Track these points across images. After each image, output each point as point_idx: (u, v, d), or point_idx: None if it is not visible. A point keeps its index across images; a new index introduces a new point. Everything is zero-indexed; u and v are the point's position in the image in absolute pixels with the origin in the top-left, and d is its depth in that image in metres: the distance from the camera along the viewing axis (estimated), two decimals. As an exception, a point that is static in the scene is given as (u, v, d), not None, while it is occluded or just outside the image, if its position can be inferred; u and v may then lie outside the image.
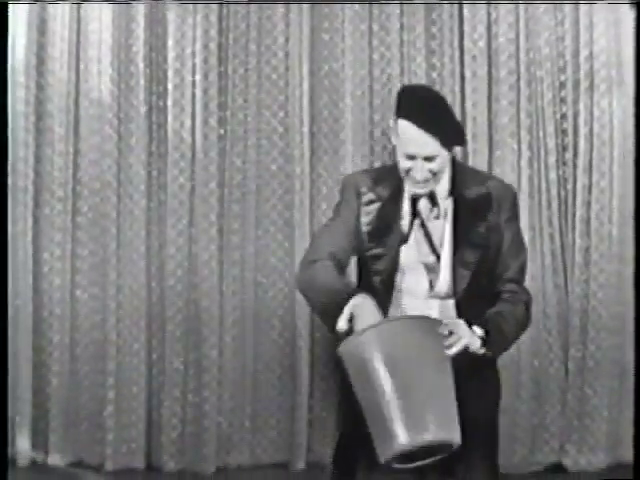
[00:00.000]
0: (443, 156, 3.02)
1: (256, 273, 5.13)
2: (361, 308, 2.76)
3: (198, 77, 5.05)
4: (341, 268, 3.04)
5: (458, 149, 4.95)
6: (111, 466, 5.11)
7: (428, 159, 2.99)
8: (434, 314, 3.04)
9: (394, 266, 3.01)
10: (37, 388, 5.15)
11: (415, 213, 3.07)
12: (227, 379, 5.12)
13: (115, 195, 5.09)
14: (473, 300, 3.10)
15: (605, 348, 5.16)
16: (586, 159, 5.13)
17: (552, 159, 5.12)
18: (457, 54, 5.12)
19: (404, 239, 3.04)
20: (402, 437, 2.68)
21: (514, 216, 3.24)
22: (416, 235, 3.05)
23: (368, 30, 5.11)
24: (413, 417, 2.69)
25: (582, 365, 5.16)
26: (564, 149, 5.17)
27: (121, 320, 5.10)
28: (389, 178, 3.13)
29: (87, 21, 5.10)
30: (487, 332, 2.98)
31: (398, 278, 3.05)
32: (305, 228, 5.05)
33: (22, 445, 5.14)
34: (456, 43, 5.12)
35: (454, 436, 2.76)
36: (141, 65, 5.08)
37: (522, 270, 3.33)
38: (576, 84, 5.15)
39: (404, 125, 2.97)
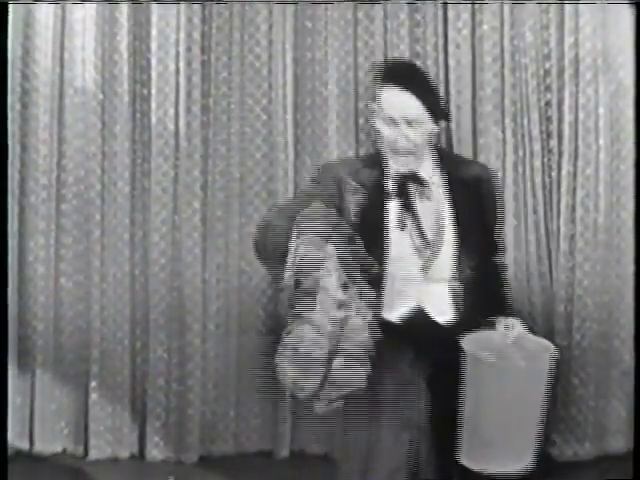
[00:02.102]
0: (426, 125, 2.96)
1: (240, 261, 5.12)
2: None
3: (181, 65, 5.06)
4: None
5: (442, 139, 5.05)
6: (95, 455, 5.11)
7: (410, 124, 2.92)
8: (428, 299, 3.00)
9: (385, 252, 2.96)
10: (21, 377, 5.14)
11: (403, 196, 3.01)
12: (211, 367, 5.12)
13: (99, 182, 5.09)
14: (473, 282, 3.07)
15: (591, 337, 5.13)
16: (571, 146, 5.11)
17: (537, 147, 5.11)
18: (441, 42, 5.11)
19: (394, 224, 2.98)
20: (506, 465, 2.89)
21: (499, 197, 3.21)
22: (406, 219, 2.98)
23: (352, 18, 5.11)
24: (506, 447, 2.87)
25: (568, 354, 5.13)
26: (549, 136, 5.15)
27: (105, 308, 5.10)
28: (372, 165, 3.07)
29: (71, 10, 5.11)
30: None
31: (390, 264, 2.99)
32: (289, 216, 5.04)
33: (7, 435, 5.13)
34: (440, 31, 5.11)
35: (527, 464, 2.96)
36: (125, 54, 5.09)
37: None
38: (561, 72, 5.14)
39: (388, 92, 2.92)
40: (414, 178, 3.00)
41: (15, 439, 5.13)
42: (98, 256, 5.09)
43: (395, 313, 3.00)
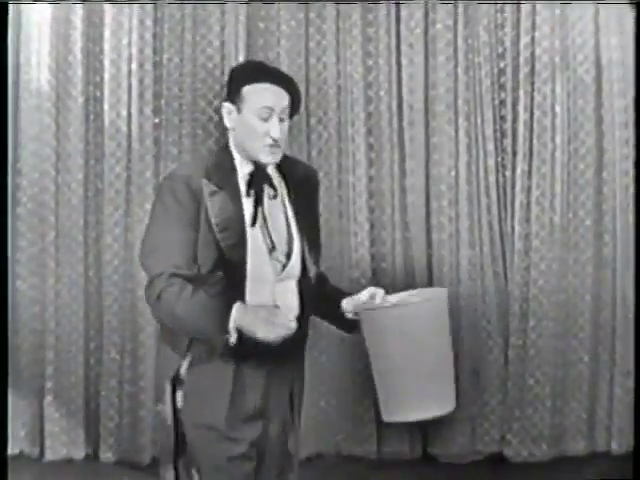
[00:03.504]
0: (286, 123, 2.97)
1: (192, 262, 5.11)
2: (247, 319, 2.74)
3: (134, 67, 5.07)
4: (189, 279, 2.86)
5: (394, 138, 5.04)
6: (51, 456, 5.12)
7: (282, 118, 2.93)
8: (281, 297, 2.93)
9: (244, 253, 2.91)
10: (-23, 379, 5.17)
11: (254, 193, 2.96)
12: (163, 369, 5.10)
13: (53, 184, 5.10)
14: (318, 277, 3.08)
15: (547, 336, 5.11)
16: (526, 145, 5.10)
17: (490, 146, 5.10)
18: (394, 41, 5.11)
19: (250, 223, 2.94)
20: (412, 413, 2.87)
21: (319, 198, 3.17)
22: (259, 217, 2.95)
23: (304, 18, 5.11)
24: (421, 392, 2.84)
25: (523, 354, 5.11)
26: (502, 136, 5.14)
27: (59, 309, 5.11)
28: (223, 163, 2.99)
29: (27, 12, 5.12)
30: None
31: (247, 264, 2.93)
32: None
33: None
34: (393, 30, 5.11)
35: (452, 407, 2.93)
36: (79, 55, 5.10)
37: None
38: (516, 70, 5.13)
39: (255, 88, 2.91)
40: (262, 175, 2.98)
41: (-28, 441, 5.15)
42: (53, 258, 5.10)
43: None
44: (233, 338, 2.78)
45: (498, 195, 5.11)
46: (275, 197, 3.00)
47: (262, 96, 2.94)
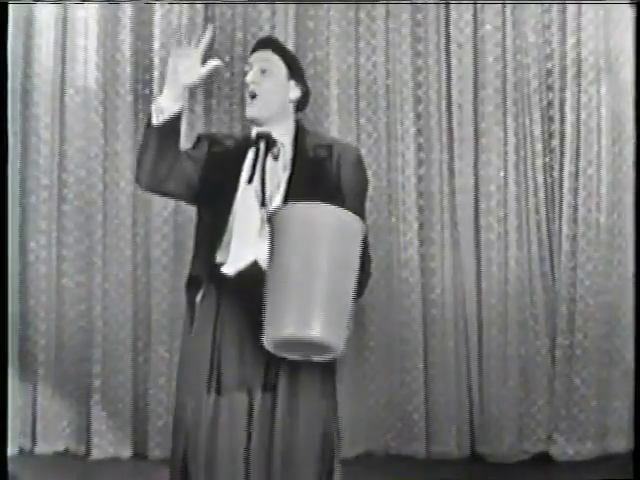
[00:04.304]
0: (281, 80, 3.13)
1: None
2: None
3: (184, 65, 5.03)
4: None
5: (444, 139, 5.05)
6: (97, 455, 5.11)
7: (264, 72, 3.09)
8: (264, 253, 2.87)
9: (228, 208, 3.01)
10: (23, 377, 5.14)
11: (255, 151, 3.09)
12: (212, 367, 5.10)
13: (101, 182, 5.10)
14: None
15: (593, 336, 5.13)
16: (573, 146, 5.11)
17: (539, 146, 5.11)
18: (443, 41, 5.12)
19: (244, 178, 3.06)
20: (289, 327, 2.67)
21: (356, 178, 3.15)
22: (254, 174, 3.06)
23: (354, 18, 5.11)
24: (306, 310, 2.66)
25: (570, 353, 5.13)
26: (550, 136, 5.15)
27: (107, 308, 5.10)
28: (240, 135, 3.27)
29: (73, 9, 5.11)
30: None
31: (231, 220, 3.02)
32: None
33: (10, 434, 5.13)
34: (442, 30, 5.11)
35: (338, 343, 2.71)
36: (127, 53, 5.09)
37: None
38: (563, 71, 5.14)
39: (254, 54, 3.15)
40: (266, 136, 3.10)
41: (18, 438, 5.14)
42: (100, 256, 5.09)
43: (233, 267, 3.00)
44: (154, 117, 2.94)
45: (546, 196, 5.12)
46: (276, 158, 3.08)
47: (251, 59, 3.16)
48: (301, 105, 3.25)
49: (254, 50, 3.18)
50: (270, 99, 3.11)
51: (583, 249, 5.13)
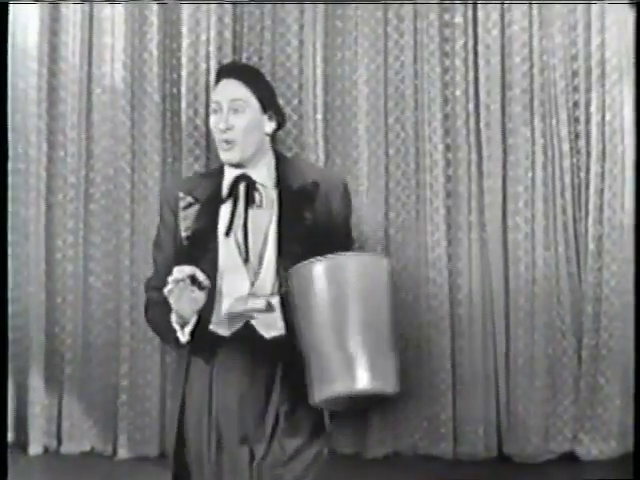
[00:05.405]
0: (254, 115, 2.79)
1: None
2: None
3: (212, 64, 5.04)
4: None
5: (471, 139, 5.06)
6: (124, 454, 5.11)
7: (235, 111, 2.77)
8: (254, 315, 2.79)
9: (214, 267, 2.77)
10: (50, 376, 5.14)
11: (232, 200, 2.81)
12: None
13: (129, 182, 5.09)
14: None
15: (617, 336, 5.16)
16: (599, 147, 5.13)
17: (565, 147, 5.13)
18: (471, 42, 5.12)
19: (222, 231, 2.79)
20: (338, 384, 2.59)
21: (345, 207, 2.94)
22: (236, 230, 2.79)
23: (382, 18, 5.11)
24: (350, 363, 2.59)
25: (595, 353, 5.16)
26: (577, 137, 5.17)
27: (135, 307, 5.07)
28: (209, 179, 2.89)
29: (100, 8, 5.10)
30: None
31: (219, 279, 2.79)
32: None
33: (35, 434, 5.13)
34: (470, 31, 5.12)
35: (386, 385, 2.66)
36: (155, 52, 5.08)
37: None
38: (588, 72, 5.15)
39: (219, 84, 2.83)
40: (245, 181, 2.83)
41: (43, 437, 5.13)
42: (127, 255, 5.09)
43: (227, 328, 2.80)
44: (180, 334, 2.70)
45: (573, 196, 5.14)
46: (259, 206, 2.83)
47: (214, 92, 2.85)
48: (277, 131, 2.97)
49: (219, 78, 2.86)
50: (247, 141, 2.79)
51: (608, 250, 5.15)
